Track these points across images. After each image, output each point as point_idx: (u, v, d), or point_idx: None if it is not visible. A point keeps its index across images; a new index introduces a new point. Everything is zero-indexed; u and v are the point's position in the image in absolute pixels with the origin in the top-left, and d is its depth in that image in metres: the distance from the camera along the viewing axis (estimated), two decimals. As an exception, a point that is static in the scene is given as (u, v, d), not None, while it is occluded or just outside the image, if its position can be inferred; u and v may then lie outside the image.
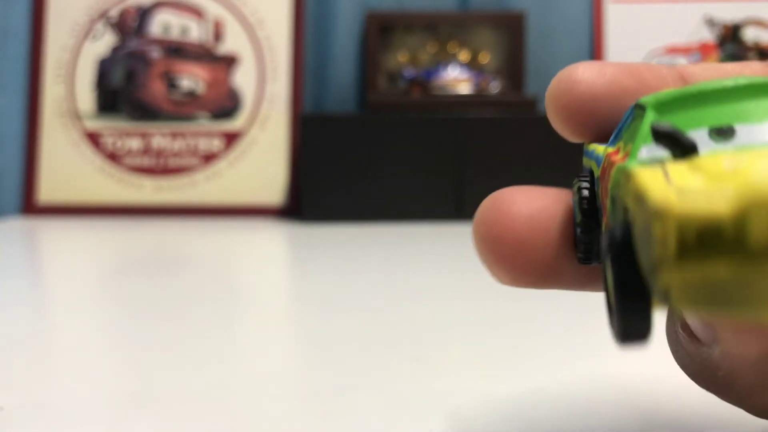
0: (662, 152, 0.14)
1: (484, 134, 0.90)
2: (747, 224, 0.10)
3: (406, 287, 0.52)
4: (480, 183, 0.89)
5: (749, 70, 0.19)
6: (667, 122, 0.14)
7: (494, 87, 0.98)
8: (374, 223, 0.88)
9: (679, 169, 0.12)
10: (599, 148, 0.18)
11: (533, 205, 0.19)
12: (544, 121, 0.84)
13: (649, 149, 0.15)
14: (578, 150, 0.21)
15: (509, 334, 0.39)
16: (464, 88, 0.96)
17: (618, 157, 0.16)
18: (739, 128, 0.14)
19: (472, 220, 0.19)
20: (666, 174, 0.12)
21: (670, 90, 0.15)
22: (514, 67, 1.01)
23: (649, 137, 0.15)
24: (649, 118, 0.15)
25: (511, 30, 1.01)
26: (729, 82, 0.15)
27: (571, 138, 0.19)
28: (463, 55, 1.02)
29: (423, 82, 0.97)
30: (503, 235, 0.18)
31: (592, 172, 0.18)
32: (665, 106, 0.15)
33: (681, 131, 0.13)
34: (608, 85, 0.18)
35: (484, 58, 1.03)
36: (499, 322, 0.42)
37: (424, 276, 0.57)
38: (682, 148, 0.13)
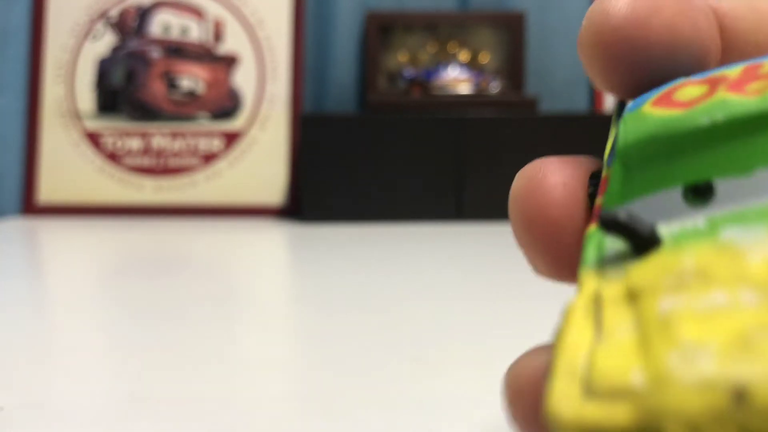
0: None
1: (484, 134, 0.90)
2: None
3: (405, 287, 0.52)
4: (480, 183, 0.89)
5: None
6: (620, 209, 0.12)
7: (494, 87, 0.98)
8: (374, 223, 0.88)
9: (614, 313, 0.11)
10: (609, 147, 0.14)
11: (566, 173, 0.14)
12: (544, 120, 0.84)
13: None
14: (578, 152, 0.21)
15: (509, 334, 0.39)
16: (464, 88, 0.96)
17: (597, 204, 0.13)
18: (719, 185, 0.12)
19: (472, 220, 0.18)
20: (599, 325, 0.11)
21: (633, 130, 0.13)
22: (514, 67, 1.01)
23: (620, 196, 0.13)
24: (617, 171, 0.13)
25: (511, 30, 1.01)
26: (704, 120, 0.12)
27: (603, 87, 0.15)
28: (463, 55, 1.02)
29: (423, 82, 0.97)
30: (538, 209, 0.14)
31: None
32: (635, 153, 0.13)
33: (636, 220, 0.11)
34: (663, 29, 0.14)
35: (484, 58, 1.03)
36: (499, 322, 0.42)
37: (423, 276, 0.57)
38: (639, 241, 0.11)
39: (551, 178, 0.14)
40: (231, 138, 0.99)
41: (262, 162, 0.98)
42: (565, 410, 0.10)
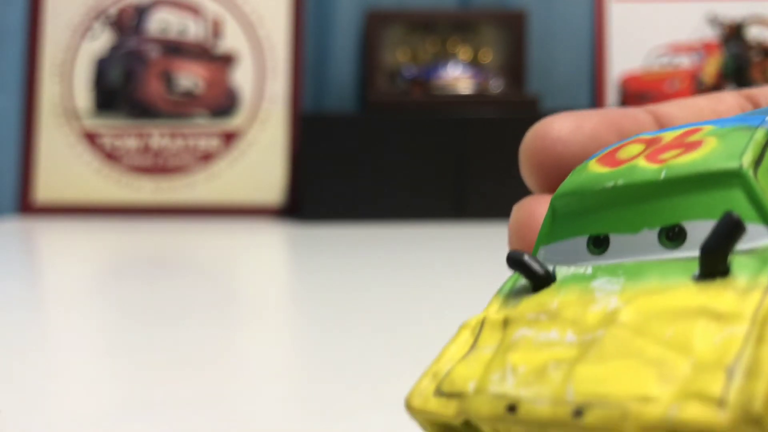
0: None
1: (484, 134, 0.89)
2: (476, 427, 0.13)
3: (406, 287, 0.52)
4: (480, 183, 0.89)
5: (724, 105, 0.18)
6: (521, 251, 0.14)
7: (495, 86, 0.97)
8: (374, 222, 0.88)
9: (488, 335, 0.14)
10: None
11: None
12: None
13: (546, 250, 0.15)
14: None
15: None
16: (465, 87, 0.95)
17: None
18: (613, 239, 0.14)
19: (472, 220, 0.19)
20: (479, 332, 0.14)
21: (569, 182, 0.15)
22: (515, 65, 1.01)
23: (547, 237, 0.15)
24: (547, 216, 0.15)
25: (512, 28, 1.01)
26: (608, 184, 0.14)
27: (547, 193, 0.18)
28: (464, 54, 1.02)
29: (423, 81, 0.97)
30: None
31: None
32: (562, 204, 0.15)
33: (534, 263, 0.14)
34: (586, 142, 0.17)
35: (485, 56, 1.02)
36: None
37: (424, 276, 0.56)
38: (535, 278, 0.14)
39: (544, 212, 0.17)
40: (230, 137, 0.98)
41: (261, 161, 0.98)
42: (416, 401, 0.13)
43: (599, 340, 0.12)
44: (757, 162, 0.13)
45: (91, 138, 0.98)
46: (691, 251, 0.13)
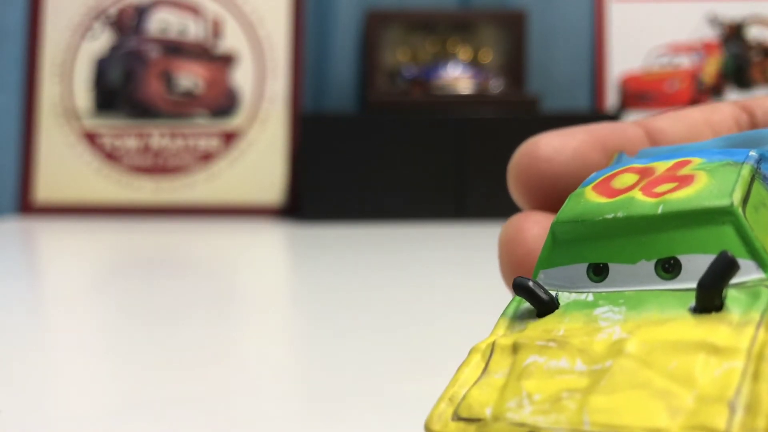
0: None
1: (484, 134, 0.89)
2: None
3: (405, 287, 0.52)
4: (481, 182, 0.89)
5: (718, 116, 0.19)
6: (528, 279, 0.15)
7: (495, 86, 0.97)
8: (374, 222, 0.88)
9: (499, 360, 0.14)
10: None
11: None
12: (545, 120, 0.84)
13: (546, 274, 0.16)
14: None
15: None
16: (465, 87, 0.95)
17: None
18: (612, 268, 0.15)
19: (472, 220, 0.19)
20: (490, 357, 0.14)
21: (568, 209, 0.16)
22: (515, 65, 1.01)
23: (547, 262, 0.16)
24: (549, 240, 0.16)
25: (513, 28, 1.01)
26: (608, 215, 0.15)
27: (534, 209, 0.19)
28: (464, 54, 1.02)
29: (423, 81, 0.97)
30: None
31: None
32: (562, 230, 0.16)
33: (538, 288, 0.15)
34: (570, 161, 0.18)
35: (485, 56, 1.02)
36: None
37: (424, 275, 0.56)
38: (540, 304, 0.15)
39: (532, 229, 0.18)
40: (230, 137, 0.98)
41: (261, 161, 0.98)
42: (436, 426, 0.14)
43: (608, 371, 0.13)
44: (745, 199, 0.14)
45: (91, 138, 0.98)
46: (685, 283, 0.14)
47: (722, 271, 0.13)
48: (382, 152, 0.89)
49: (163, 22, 1.00)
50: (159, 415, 0.28)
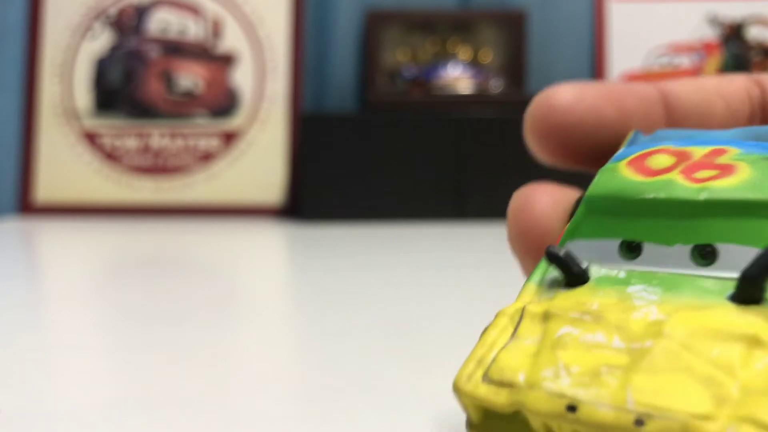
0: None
1: (484, 134, 0.89)
2: (523, 416, 0.13)
3: (405, 287, 0.52)
4: (481, 182, 0.89)
5: (732, 86, 0.19)
6: (561, 247, 0.15)
7: (495, 86, 0.97)
8: (374, 222, 0.88)
9: (529, 326, 0.14)
10: None
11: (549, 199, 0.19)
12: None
13: (574, 245, 0.16)
14: None
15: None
16: (465, 87, 0.95)
17: (562, 230, 0.17)
18: (646, 247, 0.15)
19: (472, 220, 0.19)
20: (519, 322, 0.14)
21: (603, 182, 0.16)
22: (515, 65, 1.01)
23: (572, 234, 0.16)
24: (581, 212, 0.16)
25: (512, 28, 1.01)
26: (649, 195, 0.15)
27: (548, 162, 0.19)
28: (464, 54, 1.02)
29: (423, 81, 0.97)
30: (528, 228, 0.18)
31: None
32: (595, 204, 0.16)
33: (572, 259, 0.15)
34: (585, 114, 0.18)
35: (486, 56, 1.02)
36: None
37: (424, 276, 0.56)
38: (571, 275, 0.15)
39: (541, 198, 0.18)
40: (230, 137, 0.98)
41: (261, 161, 0.98)
42: (465, 386, 0.14)
43: (649, 351, 0.13)
44: None
45: (91, 138, 0.98)
46: (721, 271, 0.14)
47: (766, 264, 0.13)
48: (382, 152, 0.89)
49: (163, 22, 1.00)
50: (159, 415, 0.28)
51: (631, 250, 0.15)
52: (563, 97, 0.18)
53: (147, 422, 0.27)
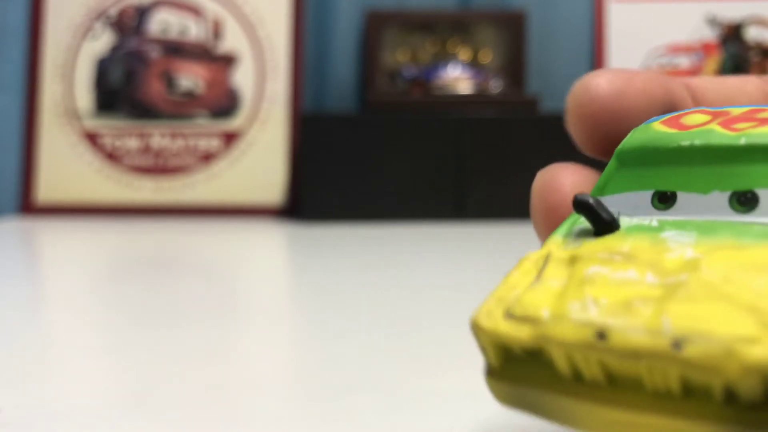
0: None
1: (484, 134, 0.89)
2: (545, 356, 0.12)
3: (405, 287, 0.52)
4: (481, 182, 0.89)
5: (751, 85, 0.19)
6: (588, 194, 0.14)
7: (495, 86, 0.97)
8: (374, 223, 0.88)
9: (554, 269, 0.13)
10: None
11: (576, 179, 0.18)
12: (545, 120, 0.83)
13: (608, 202, 0.15)
14: (579, 151, 0.20)
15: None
16: (465, 88, 0.96)
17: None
18: (681, 197, 0.14)
19: (472, 220, 0.19)
20: (540, 274, 0.14)
21: (635, 137, 0.15)
22: (515, 66, 1.01)
23: (602, 190, 0.15)
24: (611, 166, 0.15)
25: (512, 29, 1.01)
26: (684, 142, 0.14)
27: (589, 153, 0.18)
28: (464, 54, 1.02)
29: (423, 81, 0.97)
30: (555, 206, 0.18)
31: None
32: (629, 155, 0.15)
33: (601, 206, 0.14)
34: (630, 102, 0.17)
35: (485, 57, 1.02)
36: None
37: (424, 276, 0.56)
38: (599, 225, 0.14)
39: (567, 177, 0.17)
40: (230, 137, 0.98)
41: (262, 161, 0.98)
42: (485, 322, 0.13)
43: (685, 284, 0.12)
44: None
45: (92, 138, 0.98)
46: (763, 217, 0.13)
47: None
48: (382, 152, 0.89)
49: (163, 22, 1.00)
50: (159, 415, 0.28)
51: (664, 200, 0.14)
52: (604, 84, 0.17)
53: (147, 422, 0.27)
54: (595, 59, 1.03)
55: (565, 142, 0.96)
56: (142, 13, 1.00)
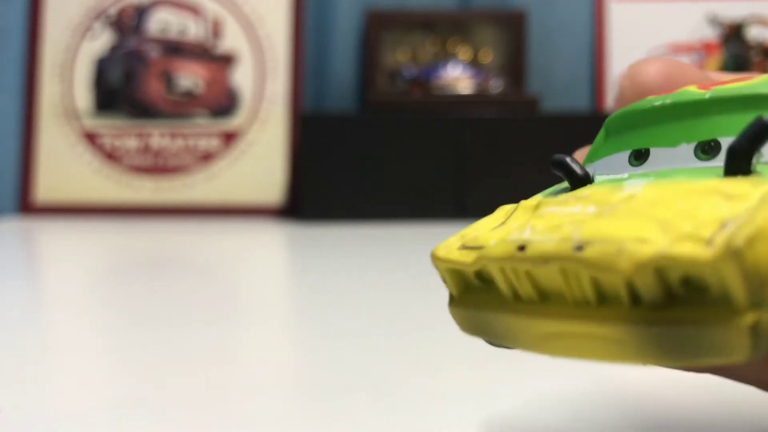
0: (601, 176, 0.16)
1: (484, 133, 0.89)
2: (492, 280, 0.14)
3: (405, 287, 0.52)
4: (481, 182, 0.89)
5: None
6: (564, 155, 0.15)
7: (495, 86, 0.97)
8: (374, 222, 0.88)
9: (520, 214, 0.15)
10: None
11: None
12: (545, 120, 0.83)
13: (593, 167, 0.16)
14: (576, 148, 0.21)
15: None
16: (465, 87, 0.95)
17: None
18: (653, 152, 0.15)
19: (473, 220, 0.19)
20: (512, 213, 0.15)
21: (624, 109, 0.16)
22: (515, 65, 1.01)
23: (591, 158, 0.17)
24: (600, 137, 0.16)
25: (512, 28, 1.01)
26: (656, 102, 0.15)
27: None
28: (464, 54, 1.02)
29: (423, 81, 0.97)
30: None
31: None
32: (614, 124, 0.16)
33: (576, 163, 0.15)
34: (677, 85, 0.18)
35: (485, 56, 1.02)
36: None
37: (424, 276, 0.56)
38: (574, 179, 0.15)
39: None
40: (230, 137, 0.98)
41: (261, 161, 0.98)
42: (441, 252, 0.15)
43: (615, 208, 0.13)
44: None
45: (91, 138, 0.98)
46: (722, 162, 0.14)
47: (755, 134, 0.13)
48: (382, 152, 0.89)
49: (163, 22, 1.00)
50: (159, 415, 0.28)
51: (638, 157, 0.15)
52: (651, 73, 0.18)
53: (147, 422, 0.27)
54: (595, 59, 1.03)
55: (567, 141, 0.96)
56: (142, 12, 1.00)
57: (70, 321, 0.43)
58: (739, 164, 0.13)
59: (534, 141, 0.88)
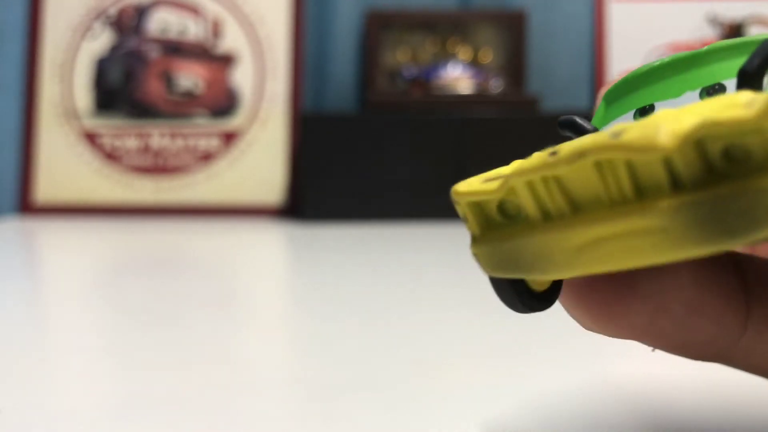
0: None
1: (484, 134, 0.89)
2: (512, 209, 0.14)
3: (406, 288, 0.52)
4: (481, 182, 0.89)
5: None
6: (571, 115, 0.16)
7: (495, 86, 0.97)
8: (374, 223, 0.88)
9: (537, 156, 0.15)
10: None
11: None
12: (545, 119, 0.83)
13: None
14: None
15: (509, 334, 0.39)
16: (465, 87, 0.95)
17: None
18: (658, 105, 0.16)
19: None
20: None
21: (618, 79, 0.17)
22: (515, 65, 1.01)
23: (598, 124, 0.17)
24: (601, 109, 0.17)
25: (512, 28, 1.01)
26: (656, 63, 0.16)
27: None
28: (464, 54, 1.02)
29: (423, 81, 0.97)
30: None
31: None
32: (612, 94, 0.17)
33: (584, 120, 0.16)
34: None
35: (485, 56, 1.02)
36: (499, 322, 0.41)
37: (424, 276, 0.56)
38: (584, 134, 0.15)
39: None
40: (230, 137, 0.98)
41: (261, 161, 0.98)
42: (462, 187, 0.15)
43: (633, 125, 0.13)
44: None
45: (91, 138, 0.98)
46: None
47: (765, 55, 0.13)
48: (382, 152, 0.89)
49: (163, 22, 1.00)
50: (159, 415, 0.28)
51: (643, 113, 0.16)
52: None
53: (147, 422, 0.27)
54: (595, 59, 1.03)
55: (565, 141, 0.96)
56: (142, 12, 1.00)
57: (70, 321, 0.43)
58: (750, 83, 0.13)
59: (534, 141, 0.88)
